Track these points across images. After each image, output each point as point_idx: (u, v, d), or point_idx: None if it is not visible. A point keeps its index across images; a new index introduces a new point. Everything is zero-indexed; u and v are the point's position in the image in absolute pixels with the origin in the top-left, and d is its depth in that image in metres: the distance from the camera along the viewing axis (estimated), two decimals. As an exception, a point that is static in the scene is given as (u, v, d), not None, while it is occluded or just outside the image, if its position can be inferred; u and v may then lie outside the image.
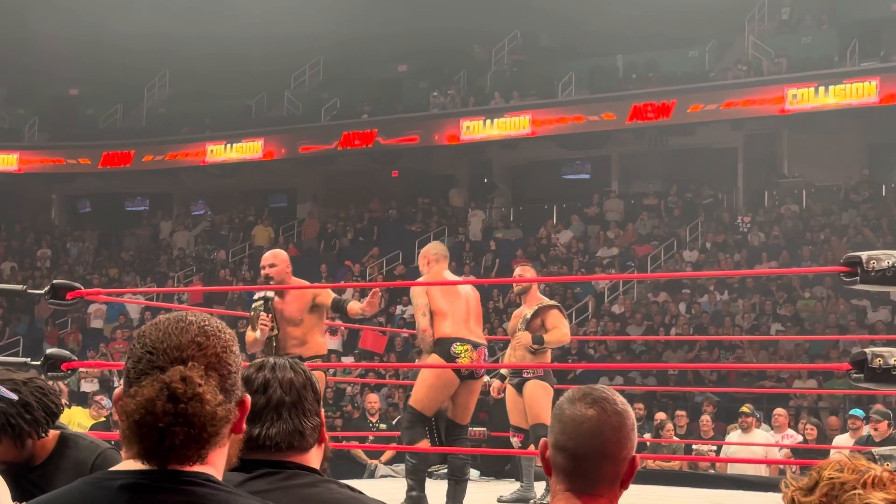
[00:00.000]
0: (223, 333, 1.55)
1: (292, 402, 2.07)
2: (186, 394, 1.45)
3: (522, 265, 8.05)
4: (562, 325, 7.48)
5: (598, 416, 1.91)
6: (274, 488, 1.97)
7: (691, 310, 17.07)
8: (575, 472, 1.91)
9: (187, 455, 1.47)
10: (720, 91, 19.84)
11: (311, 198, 24.74)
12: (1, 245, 24.70)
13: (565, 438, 1.91)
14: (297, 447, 2.07)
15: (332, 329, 17.38)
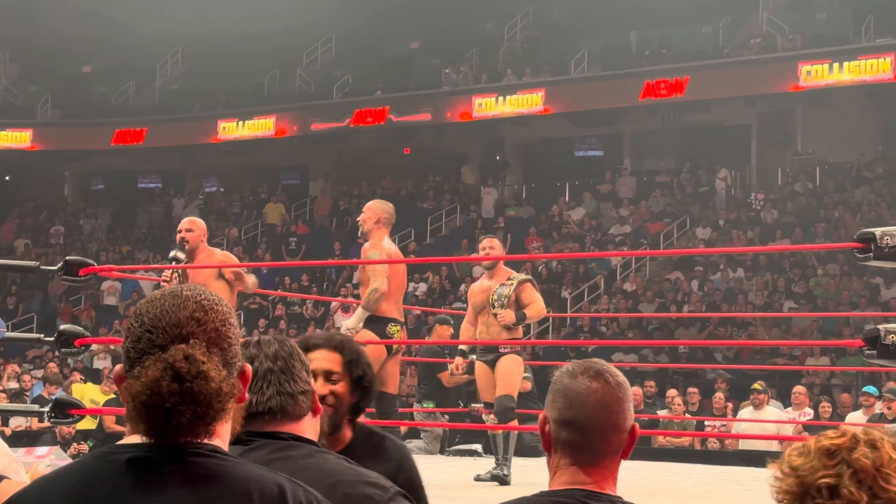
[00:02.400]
0: (220, 306, 1.55)
1: (280, 369, 2.09)
2: (191, 372, 1.45)
3: (489, 237, 7.59)
4: (538, 298, 7.25)
5: (604, 389, 1.93)
6: (271, 459, 1.97)
7: (704, 287, 17.04)
8: (583, 446, 1.92)
9: (195, 432, 1.47)
10: (734, 68, 19.75)
11: (324, 175, 24.74)
12: (14, 222, 24.78)
13: (572, 413, 1.92)
14: (290, 413, 2.08)
15: (344, 307, 17.42)
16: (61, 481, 1.51)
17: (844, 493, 1.57)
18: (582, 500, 1.88)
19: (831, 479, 1.59)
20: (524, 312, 7.09)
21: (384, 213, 6.72)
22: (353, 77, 23.71)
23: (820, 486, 1.59)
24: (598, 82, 20.85)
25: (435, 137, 23.00)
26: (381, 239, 6.64)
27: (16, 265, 10.06)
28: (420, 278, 18.62)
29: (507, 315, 7.03)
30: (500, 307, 7.06)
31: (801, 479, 1.61)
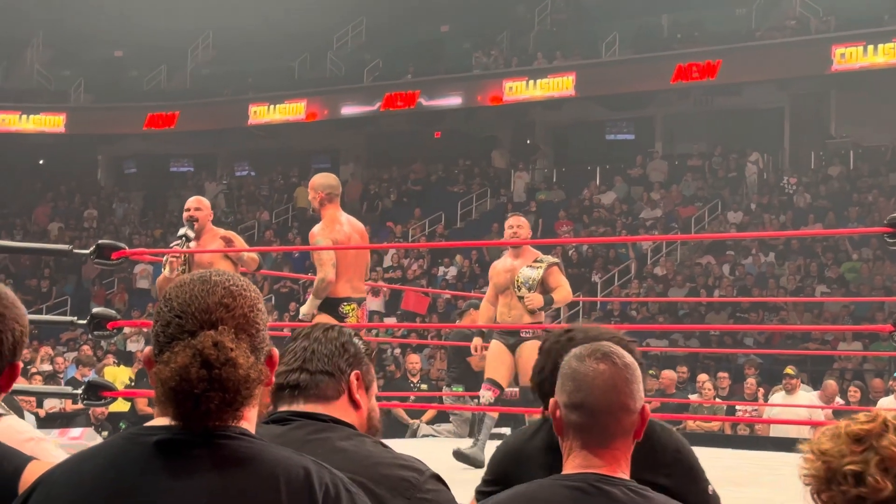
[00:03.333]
0: (248, 291, 1.56)
1: (306, 349, 2.17)
2: (219, 359, 1.47)
3: (516, 215, 7.19)
4: (565, 282, 7.02)
5: (611, 370, 1.95)
6: (310, 439, 2.01)
7: (735, 272, 16.96)
8: (593, 428, 1.94)
9: (223, 417, 1.49)
10: (766, 50, 19.58)
11: (354, 159, 24.77)
12: (48, 206, 24.98)
13: (581, 395, 1.94)
14: (309, 391, 2.12)
15: (374, 290, 17.47)
16: (90, 462, 1.53)
17: (870, 482, 1.56)
18: (595, 483, 1.90)
19: (857, 466, 1.58)
20: (552, 297, 6.87)
21: (325, 188, 6.53)
22: (383, 61, 23.70)
23: (846, 473, 1.58)
24: (629, 65, 20.73)
25: (465, 121, 22.97)
26: (332, 219, 6.48)
27: (49, 248, 10.11)
28: (450, 262, 18.64)
29: (536, 299, 6.82)
30: (528, 290, 6.84)
31: (828, 464, 1.61)
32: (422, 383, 11.31)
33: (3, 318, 1.78)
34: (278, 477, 1.47)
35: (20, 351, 1.83)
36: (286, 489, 1.47)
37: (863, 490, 1.57)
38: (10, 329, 1.79)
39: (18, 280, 21.41)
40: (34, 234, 23.28)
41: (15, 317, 1.81)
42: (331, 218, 6.48)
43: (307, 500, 1.47)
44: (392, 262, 19.29)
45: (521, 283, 6.88)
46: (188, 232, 6.61)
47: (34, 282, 21.47)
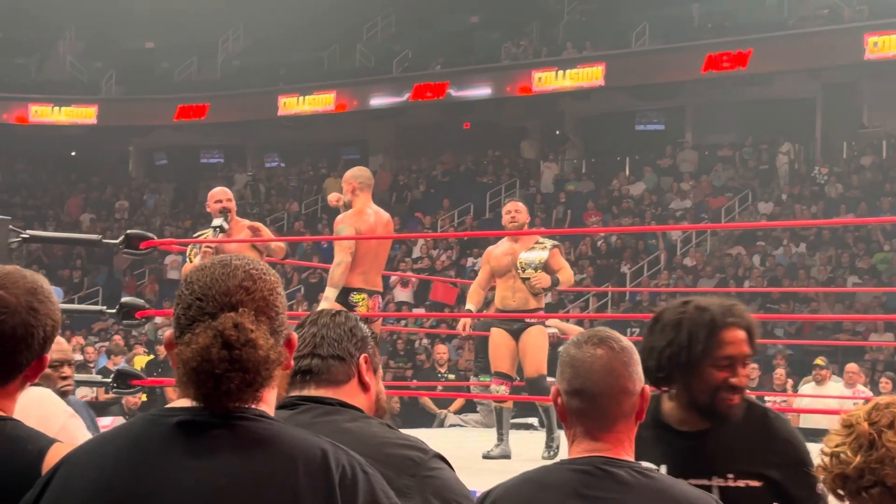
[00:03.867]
0: (268, 275, 1.59)
1: (316, 335, 2.19)
2: (239, 340, 1.49)
3: (513, 200, 7.13)
4: (566, 265, 7.02)
5: (608, 354, 1.98)
6: (316, 421, 2.05)
7: (765, 262, 16.86)
8: (594, 413, 1.97)
9: (243, 398, 1.51)
10: (798, 39, 19.43)
11: (383, 150, 24.80)
12: (80, 197, 25.17)
13: (580, 381, 1.98)
14: (320, 376, 2.16)
15: (403, 281, 17.50)
16: (112, 443, 1.55)
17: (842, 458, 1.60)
18: (600, 466, 1.94)
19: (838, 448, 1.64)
20: (557, 277, 6.84)
21: (358, 178, 6.59)
22: (412, 52, 23.71)
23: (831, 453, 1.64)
24: (659, 55, 20.63)
25: (494, 112, 22.94)
26: (360, 209, 6.51)
27: (79, 238, 10.23)
28: (479, 253, 18.63)
29: (543, 278, 6.78)
30: (534, 270, 6.80)
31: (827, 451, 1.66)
32: (449, 373, 11.34)
33: (37, 313, 1.81)
34: (296, 458, 1.49)
35: (49, 345, 1.86)
36: (303, 470, 1.48)
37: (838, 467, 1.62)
38: (43, 325, 1.82)
39: (51, 270, 21.59)
40: (66, 225, 23.46)
41: (48, 312, 1.83)
42: (359, 208, 6.52)
43: (324, 481, 1.48)
44: (421, 253, 19.32)
45: (526, 265, 6.84)
46: (223, 223, 6.64)
47: (66, 272, 21.64)
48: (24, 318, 1.78)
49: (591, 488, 1.91)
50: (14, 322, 1.76)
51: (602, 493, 1.90)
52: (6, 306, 1.77)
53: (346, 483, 1.49)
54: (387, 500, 1.54)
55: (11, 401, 1.83)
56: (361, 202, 6.54)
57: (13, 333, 1.76)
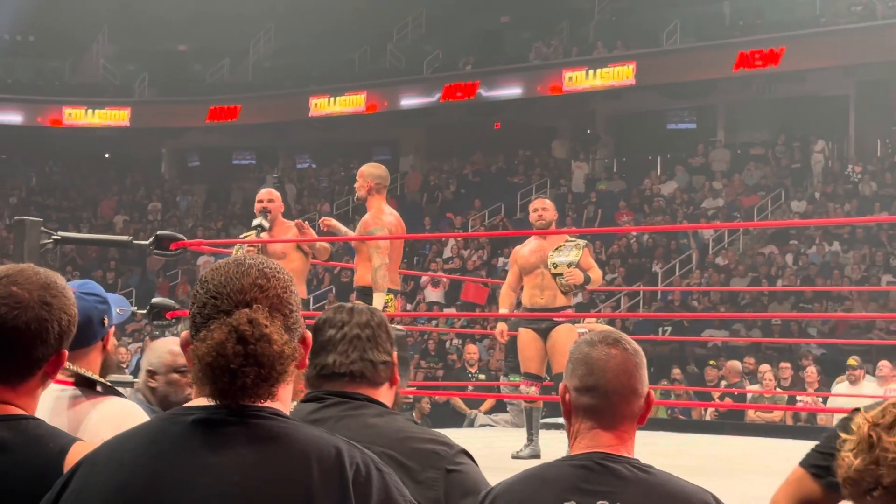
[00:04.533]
0: (282, 274, 1.60)
1: (366, 337, 2.21)
2: (254, 335, 1.50)
3: (540, 197, 7.07)
4: (595, 264, 6.96)
5: (623, 355, 2.03)
6: (344, 415, 2.09)
7: (798, 261, 16.75)
8: (605, 410, 2.02)
9: (258, 393, 1.51)
10: (831, 37, 19.28)
11: (414, 150, 24.83)
12: (114, 199, 25.36)
13: (594, 379, 2.02)
14: (368, 378, 2.19)
15: (434, 281, 17.51)
16: (131, 441, 1.56)
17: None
18: (600, 461, 1.98)
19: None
20: (588, 275, 6.77)
21: (376, 178, 6.50)
22: (443, 52, 23.72)
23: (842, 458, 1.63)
24: (690, 53, 20.54)
25: (525, 112, 22.91)
26: (380, 209, 6.46)
27: (110, 240, 10.29)
28: (509, 252, 18.62)
29: (576, 274, 6.70)
30: (566, 266, 6.73)
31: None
32: (480, 373, 11.33)
33: (51, 308, 1.82)
34: (310, 455, 1.49)
35: (67, 340, 1.86)
36: (317, 467, 1.49)
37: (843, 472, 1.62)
38: (58, 319, 1.83)
39: (85, 272, 21.76)
40: (100, 226, 23.64)
41: (62, 306, 1.84)
42: (378, 207, 6.48)
43: (338, 479, 1.49)
44: (451, 253, 19.33)
45: (559, 262, 6.77)
46: (263, 222, 6.67)
47: (100, 273, 21.80)
48: (37, 313, 1.79)
49: (590, 483, 1.96)
50: (28, 317, 1.78)
51: (600, 486, 1.95)
52: (19, 302, 1.78)
53: (360, 481, 1.50)
54: (401, 498, 1.54)
55: (32, 398, 1.85)
56: (378, 201, 6.50)
57: (27, 329, 1.78)
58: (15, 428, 1.78)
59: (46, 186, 26.30)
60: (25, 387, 1.82)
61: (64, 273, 21.33)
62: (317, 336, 2.24)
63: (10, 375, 1.80)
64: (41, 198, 25.52)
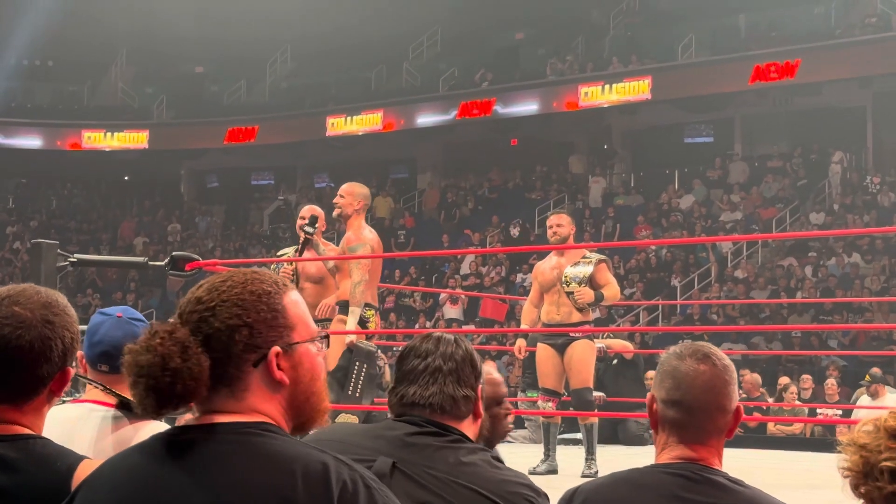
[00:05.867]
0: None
1: (449, 371, 2.21)
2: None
3: (557, 213, 7.03)
4: (613, 280, 6.95)
5: (711, 371, 2.01)
6: (443, 447, 2.11)
7: (818, 273, 16.68)
8: (690, 425, 2.01)
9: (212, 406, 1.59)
10: (847, 48, 19.24)
11: (431, 168, 24.88)
12: (133, 220, 25.49)
13: (681, 394, 2.01)
14: (449, 412, 2.19)
15: (452, 298, 17.52)
16: (127, 460, 1.59)
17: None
18: (698, 472, 1.98)
19: (893, 463, 1.58)
20: (601, 293, 6.80)
21: (365, 197, 6.56)
22: (458, 70, 23.78)
23: (882, 469, 1.58)
24: (706, 67, 20.53)
25: (541, 128, 22.93)
26: (361, 226, 6.48)
27: (127, 261, 10.35)
28: (527, 269, 18.61)
29: (586, 293, 6.75)
30: (578, 285, 6.77)
31: (866, 458, 1.61)
32: (498, 390, 11.30)
33: (53, 326, 1.84)
34: (295, 471, 1.49)
35: (71, 357, 1.89)
36: (302, 482, 1.48)
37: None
38: (60, 336, 1.85)
39: (105, 294, 21.89)
40: (120, 248, 23.77)
41: (65, 324, 1.86)
42: (360, 225, 6.51)
43: (323, 494, 1.48)
44: (470, 270, 19.33)
45: (571, 279, 6.82)
46: (308, 229, 6.63)
47: (120, 295, 21.90)
48: (40, 332, 1.81)
49: (690, 491, 1.95)
50: (31, 336, 1.80)
51: (701, 497, 1.94)
52: (22, 321, 1.81)
53: (346, 497, 1.49)
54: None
55: (38, 417, 1.87)
56: (360, 220, 6.52)
57: (31, 347, 1.80)
58: (23, 447, 1.80)
59: (67, 209, 26.46)
60: (31, 405, 1.84)
61: (84, 295, 21.41)
62: (402, 364, 2.27)
63: (16, 394, 1.82)
64: (62, 221, 25.69)
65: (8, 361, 1.79)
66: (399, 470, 2.08)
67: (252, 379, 1.57)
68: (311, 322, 1.65)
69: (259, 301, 1.58)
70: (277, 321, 1.59)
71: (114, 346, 2.43)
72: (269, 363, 1.57)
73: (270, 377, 1.57)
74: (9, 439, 1.79)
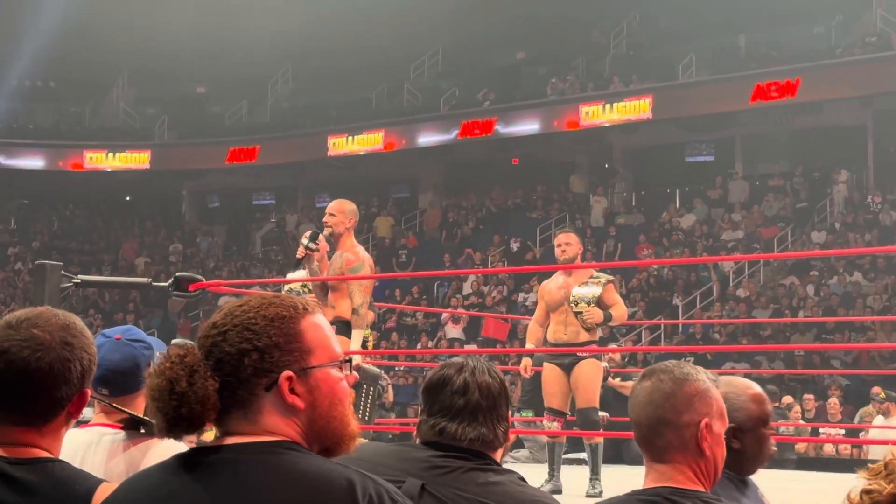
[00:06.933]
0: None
1: (488, 408, 2.23)
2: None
3: (565, 231, 6.95)
4: (620, 300, 6.93)
5: (652, 385, 1.98)
6: (473, 468, 2.15)
7: (820, 292, 16.68)
8: (643, 442, 2.00)
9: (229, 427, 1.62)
10: (847, 67, 19.29)
11: (433, 187, 24.91)
12: (135, 241, 25.51)
13: (631, 412, 2.02)
14: (487, 444, 2.22)
15: (454, 318, 17.51)
16: (147, 480, 1.59)
17: None
18: (668, 497, 1.92)
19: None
20: (610, 313, 6.77)
21: (355, 215, 6.50)
22: (459, 89, 23.84)
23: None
24: (706, 86, 20.57)
25: (543, 147, 22.97)
26: (354, 244, 6.45)
27: (130, 282, 10.33)
28: (529, 288, 18.61)
29: (595, 313, 6.71)
30: (586, 304, 6.74)
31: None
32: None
33: (72, 348, 1.85)
34: (320, 487, 1.50)
35: (89, 379, 1.89)
36: (328, 499, 1.49)
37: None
38: (79, 358, 1.86)
39: (106, 314, 21.88)
40: (122, 269, 23.78)
41: (83, 346, 1.87)
42: (353, 243, 6.47)
43: None
44: (472, 289, 19.33)
45: (579, 299, 6.79)
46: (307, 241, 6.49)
47: (121, 315, 21.90)
48: (59, 354, 1.82)
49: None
50: (50, 358, 1.81)
51: None
52: (41, 343, 1.81)
53: None
54: None
55: (57, 439, 1.87)
56: (351, 238, 6.47)
57: (51, 369, 1.81)
58: (41, 471, 1.80)
59: (69, 230, 26.48)
60: (50, 427, 1.84)
61: (86, 316, 21.37)
62: (436, 395, 2.26)
63: (36, 417, 1.83)
64: (64, 241, 25.70)
65: (28, 383, 1.80)
66: (428, 492, 2.10)
67: (265, 402, 1.57)
68: (334, 345, 1.64)
69: (271, 325, 1.58)
70: (291, 345, 1.58)
71: (111, 370, 2.43)
72: (280, 387, 1.57)
73: (283, 401, 1.57)
74: (27, 462, 1.79)
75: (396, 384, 14.87)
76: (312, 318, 1.62)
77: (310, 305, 1.65)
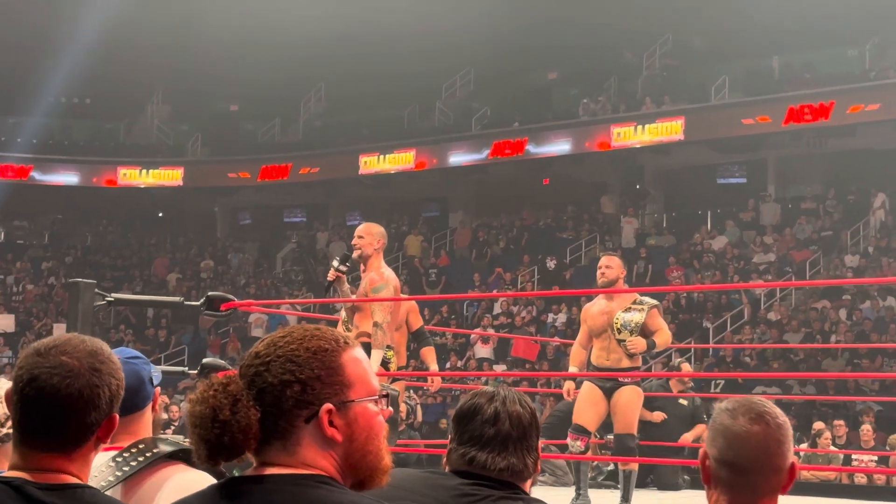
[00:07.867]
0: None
1: (518, 438, 2.24)
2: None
3: (608, 255, 7.02)
4: (664, 325, 6.92)
5: (764, 431, 1.95)
6: (503, 497, 2.15)
7: (853, 316, 16.55)
8: (742, 487, 1.97)
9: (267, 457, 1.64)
10: (881, 90, 19.18)
11: (463, 207, 24.93)
12: (167, 257, 25.66)
13: (732, 454, 1.96)
14: (517, 475, 2.23)
15: (483, 338, 17.49)
16: None
17: None
18: None
19: None
20: (653, 340, 6.73)
21: (384, 237, 6.54)
22: (491, 109, 23.88)
23: None
24: (739, 108, 20.50)
25: (574, 167, 22.96)
26: (381, 265, 6.44)
27: (162, 301, 10.42)
28: (558, 309, 18.59)
29: (639, 343, 6.69)
30: (629, 333, 6.73)
31: None
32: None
33: (100, 373, 1.86)
34: None
35: (117, 404, 1.91)
36: None
37: None
38: (107, 384, 1.87)
39: (138, 330, 22.02)
40: (154, 285, 23.92)
41: (111, 371, 1.89)
42: (380, 264, 6.47)
43: None
44: (501, 309, 19.31)
45: (622, 326, 6.77)
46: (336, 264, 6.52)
47: (152, 332, 22.02)
48: (88, 380, 1.84)
49: None
50: (79, 384, 1.83)
51: None
52: (70, 370, 1.83)
53: None
54: None
55: (86, 464, 1.89)
56: (379, 259, 6.48)
57: (80, 396, 1.82)
58: (72, 497, 1.81)
59: (101, 245, 26.68)
60: (79, 453, 1.86)
61: (117, 331, 21.45)
62: (466, 424, 2.27)
63: (66, 443, 1.84)
64: (96, 256, 25.90)
65: (58, 410, 1.82)
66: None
67: (304, 434, 1.59)
68: (373, 380, 1.66)
69: (314, 357, 1.61)
70: (332, 378, 1.61)
71: None
72: (320, 420, 1.59)
73: (322, 433, 1.59)
74: (58, 489, 1.81)
75: (425, 403, 14.86)
76: (353, 352, 1.65)
77: (350, 339, 1.67)
